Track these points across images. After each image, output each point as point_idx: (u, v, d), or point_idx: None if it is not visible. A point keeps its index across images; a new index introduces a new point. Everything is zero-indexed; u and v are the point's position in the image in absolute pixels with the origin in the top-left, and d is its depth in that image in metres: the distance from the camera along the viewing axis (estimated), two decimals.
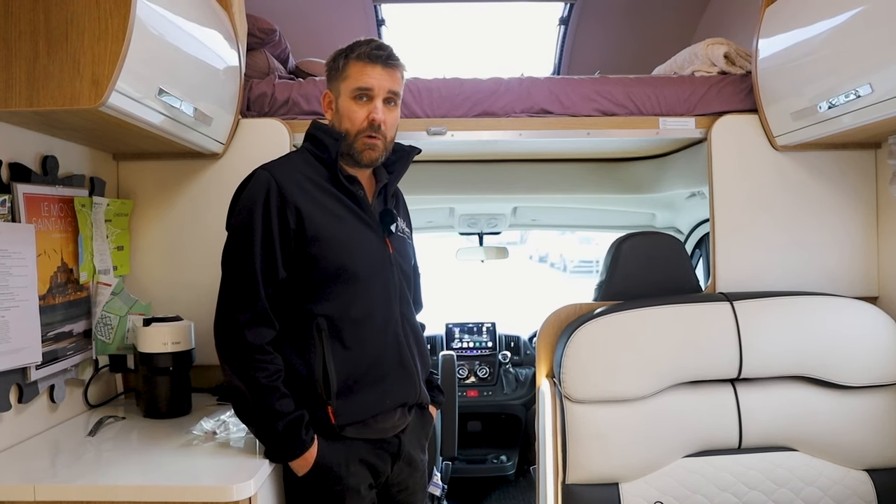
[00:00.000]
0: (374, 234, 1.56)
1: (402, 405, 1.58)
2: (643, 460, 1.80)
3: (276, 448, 1.44)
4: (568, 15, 3.17)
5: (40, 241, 1.61)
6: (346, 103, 1.54)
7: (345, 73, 1.55)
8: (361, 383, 1.51)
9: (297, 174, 1.51)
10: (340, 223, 1.51)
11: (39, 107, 1.33)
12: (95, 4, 1.31)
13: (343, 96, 1.55)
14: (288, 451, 1.44)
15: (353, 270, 1.50)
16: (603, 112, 2.12)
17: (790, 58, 1.88)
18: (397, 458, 1.60)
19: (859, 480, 1.82)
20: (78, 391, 1.82)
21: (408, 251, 1.68)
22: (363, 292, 1.52)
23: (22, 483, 1.32)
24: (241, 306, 1.45)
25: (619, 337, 1.83)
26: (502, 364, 3.47)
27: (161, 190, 2.05)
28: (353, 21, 3.08)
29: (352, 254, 1.51)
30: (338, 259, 1.49)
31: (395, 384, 1.56)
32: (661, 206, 3.25)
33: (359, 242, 1.53)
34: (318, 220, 1.48)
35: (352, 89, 1.53)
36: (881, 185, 2.06)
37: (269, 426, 1.43)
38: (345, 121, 1.55)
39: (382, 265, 1.56)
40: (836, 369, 1.84)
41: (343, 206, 1.53)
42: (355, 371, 1.50)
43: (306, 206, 1.47)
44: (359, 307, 1.51)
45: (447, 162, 2.95)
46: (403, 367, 1.57)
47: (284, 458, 1.45)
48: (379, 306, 1.54)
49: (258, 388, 1.42)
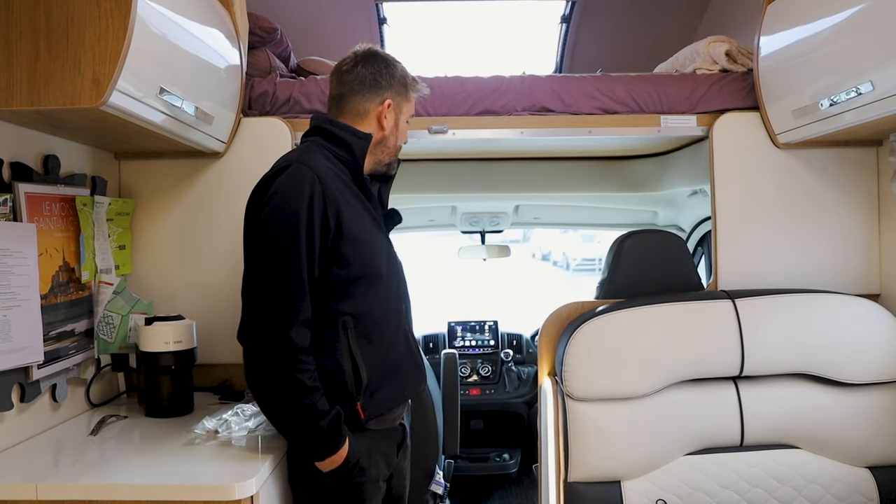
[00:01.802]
0: (384, 237, 1.63)
1: (412, 396, 1.69)
2: (645, 458, 1.80)
3: (319, 446, 1.43)
4: (570, 13, 3.16)
5: (42, 241, 1.62)
6: (404, 124, 1.66)
7: (409, 95, 1.66)
8: (384, 378, 1.55)
9: (333, 174, 1.50)
10: (365, 224, 1.54)
11: (40, 106, 1.33)
12: (96, 4, 1.31)
13: (405, 115, 1.66)
14: (329, 447, 1.44)
15: (378, 270, 1.55)
16: (604, 110, 2.12)
17: (791, 55, 1.88)
18: (402, 444, 1.68)
19: (861, 477, 1.82)
20: (80, 390, 1.83)
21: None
22: (385, 291, 1.57)
23: (24, 482, 1.32)
24: (288, 306, 1.41)
25: (621, 335, 1.83)
26: (504, 362, 3.47)
27: (163, 189, 2.05)
28: (355, 20, 3.07)
29: (377, 254, 1.56)
30: (367, 259, 1.52)
31: (409, 377, 1.64)
32: (663, 203, 3.25)
33: (379, 243, 1.58)
34: (352, 221, 1.49)
35: (410, 114, 1.68)
36: (883, 182, 2.06)
37: (313, 425, 1.41)
38: (400, 136, 1.66)
39: (395, 264, 1.63)
40: (837, 367, 1.84)
41: (363, 206, 1.56)
42: (380, 367, 1.54)
43: (344, 207, 1.48)
44: (381, 305, 1.56)
45: (449, 160, 2.95)
46: (414, 361, 1.66)
47: (326, 455, 1.44)
48: (394, 304, 1.60)
49: (304, 389, 1.40)
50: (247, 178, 1.72)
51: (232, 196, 1.97)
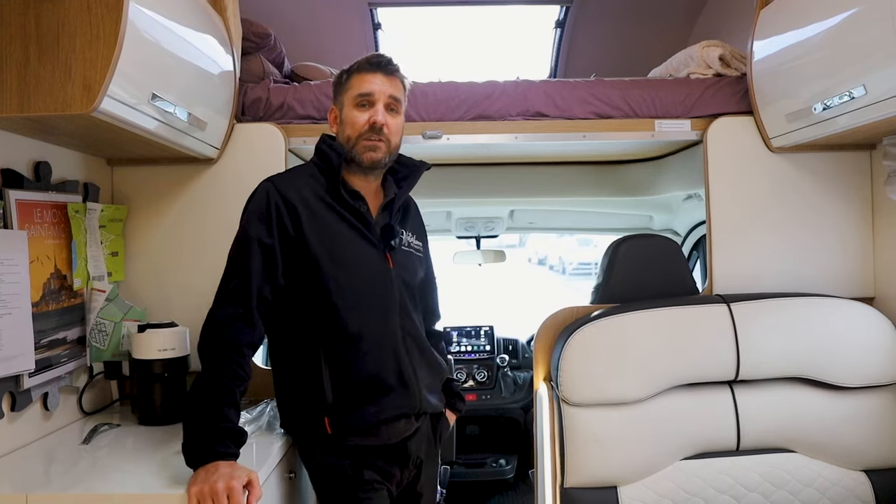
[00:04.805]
0: (374, 250, 1.58)
1: (405, 416, 1.57)
2: (641, 463, 1.79)
3: (200, 441, 1.33)
4: (564, 18, 3.17)
5: (33, 248, 1.60)
6: (348, 112, 1.59)
7: (347, 85, 1.60)
8: (359, 397, 1.52)
9: (300, 186, 1.55)
10: (338, 238, 1.54)
11: (31, 112, 1.32)
12: (87, 9, 1.31)
13: (347, 106, 1.60)
14: (207, 449, 1.32)
15: (348, 286, 1.52)
16: (599, 115, 2.12)
17: (785, 60, 1.88)
18: (406, 463, 1.62)
19: (857, 481, 1.82)
20: (72, 398, 1.81)
21: (414, 265, 1.68)
22: (359, 308, 1.53)
23: (14, 492, 1.30)
24: (230, 302, 1.45)
25: (617, 340, 1.82)
26: (500, 367, 3.46)
27: (156, 195, 2.04)
28: (349, 25, 3.07)
29: (348, 269, 1.53)
30: (333, 273, 1.51)
31: (395, 399, 1.55)
32: (658, 208, 3.25)
33: (356, 258, 1.55)
34: (316, 232, 1.51)
35: (353, 97, 1.58)
36: (876, 186, 2.06)
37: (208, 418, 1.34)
38: (347, 128, 1.59)
39: (381, 281, 1.57)
40: (832, 370, 1.83)
41: (343, 220, 1.56)
42: (352, 385, 1.51)
43: (306, 217, 1.51)
44: (354, 323, 1.52)
45: (444, 165, 2.95)
46: (403, 383, 1.55)
47: (201, 458, 1.32)
48: (375, 322, 1.55)
49: (217, 386, 1.37)
50: (240, 184, 1.73)
51: (225, 202, 1.96)
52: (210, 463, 1.30)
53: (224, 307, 1.46)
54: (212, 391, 1.38)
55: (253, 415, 1.75)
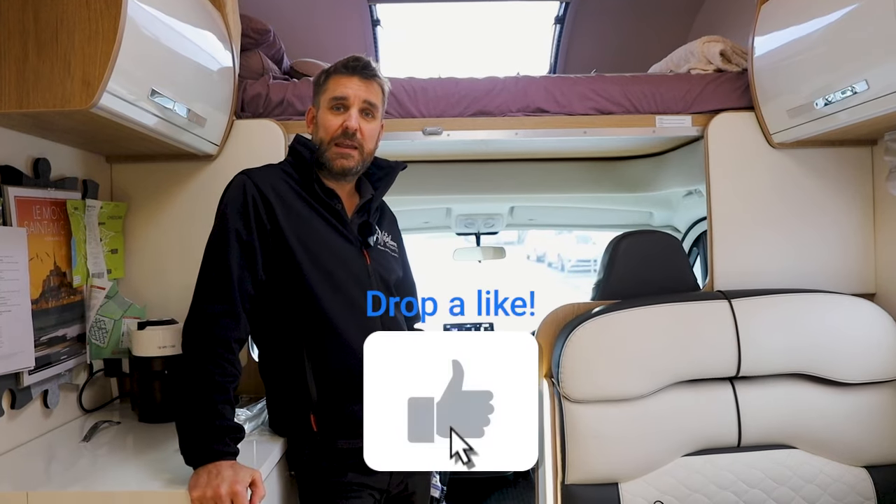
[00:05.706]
0: (350, 246, 1.58)
1: None
2: (642, 460, 1.79)
3: (200, 444, 1.32)
4: (563, 14, 3.16)
5: (32, 245, 1.60)
6: (323, 114, 1.59)
7: (325, 87, 1.60)
8: (343, 394, 1.49)
9: (274, 180, 1.55)
10: (315, 233, 1.53)
11: (29, 108, 1.31)
12: (86, 5, 1.30)
13: (322, 109, 1.60)
14: (207, 449, 1.32)
15: (326, 279, 1.51)
16: (599, 111, 2.11)
17: (786, 55, 1.88)
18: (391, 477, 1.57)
19: (858, 477, 1.82)
20: (72, 396, 1.80)
21: (391, 263, 1.68)
22: (338, 301, 1.52)
23: (15, 490, 1.30)
24: (213, 298, 1.44)
25: (617, 336, 1.82)
26: None
27: (155, 192, 2.03)
28: (348, 21, 3.06)
29: (325, 263, 1.52)
30: (311, 266, 1.50)
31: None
32: (659, 204, 3.25)
33: (332, 254, 1.54)
34: (293, 226, 1.51)
35: (328, 100, 1.59)
36: (878, 181, 2.06)
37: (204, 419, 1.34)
38: (321, 130, 1.59)
39: (358, 277, 1.56)
40: (834, 366, 1.83)
41: (318, 216, 1.56)
42: (335, 382, 1.50)
43: (281, 210, 1.51)
44: (334, 316, 1.51)
45: (443, 162, 2.94)
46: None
47: (201, 459, 1.32)
48: (356, 316, 1.53)
49: (210, 384, 1.36)
50: None
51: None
52: (211, 463, 1.30)
53: (208, 304, 1.44)
54: (206, 390, 1.37)
55: (253, 412, 1.74)
